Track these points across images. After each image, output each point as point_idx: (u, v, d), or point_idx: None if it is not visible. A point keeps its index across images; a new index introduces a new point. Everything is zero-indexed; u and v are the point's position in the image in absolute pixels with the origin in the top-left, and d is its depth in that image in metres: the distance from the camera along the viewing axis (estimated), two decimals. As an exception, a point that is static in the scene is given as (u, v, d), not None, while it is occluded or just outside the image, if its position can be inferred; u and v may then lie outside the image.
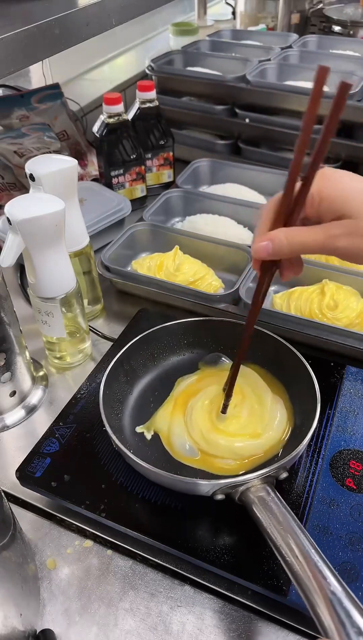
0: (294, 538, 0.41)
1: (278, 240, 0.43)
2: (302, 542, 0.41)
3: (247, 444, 0.54)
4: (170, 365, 0.65)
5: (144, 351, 0.63)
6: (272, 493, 0.45)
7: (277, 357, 0.60)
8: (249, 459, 0.53)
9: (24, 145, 0.96)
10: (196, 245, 0.82)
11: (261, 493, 0.45)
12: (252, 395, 0.58)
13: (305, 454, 0.54)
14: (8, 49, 0.55)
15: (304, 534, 0.42)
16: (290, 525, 0.43)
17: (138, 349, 0.62)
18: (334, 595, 0.37)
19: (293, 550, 0.41)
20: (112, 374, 0.57)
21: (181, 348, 0.66)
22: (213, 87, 1.10)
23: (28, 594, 0.46)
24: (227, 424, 0.55)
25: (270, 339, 0.60)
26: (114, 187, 0.95)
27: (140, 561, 0.50)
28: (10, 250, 0.56)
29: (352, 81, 1.03)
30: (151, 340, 0.63)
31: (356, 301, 0.70)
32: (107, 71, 1.45)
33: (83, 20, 0.63)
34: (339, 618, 0.35)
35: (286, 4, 1.42)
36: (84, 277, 0.72)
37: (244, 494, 0.46)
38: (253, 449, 0.54)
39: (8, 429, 0.63)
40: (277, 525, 0.43)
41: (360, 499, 0.50)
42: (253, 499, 0.45)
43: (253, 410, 0.56)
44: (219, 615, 0.47)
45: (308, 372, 0.55)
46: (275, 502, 0.44)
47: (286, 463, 0.47)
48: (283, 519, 0.43)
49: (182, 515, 0.50)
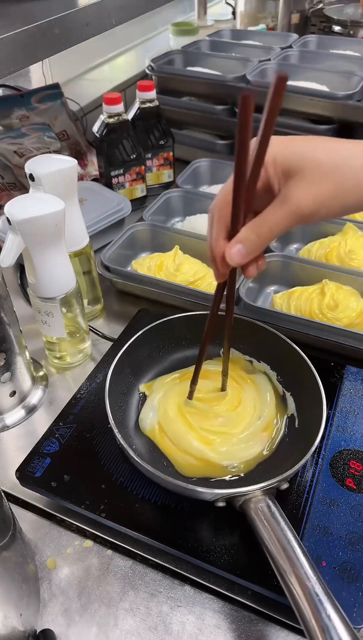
0: (289, 554, 0.42)
1: (247, 240, 0.42)
2: (297, 561, 0.41)
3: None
4: (174, 359, 0.65)
5: (149, 344, 0.63)
6: (272, 505, 0.45)
7: (283, 357, 0.60)
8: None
9: (24, 145, 0.96)
10: (196, 245, 0.82)
11: (261, 504, 0.45)
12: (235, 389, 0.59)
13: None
14: (8, 49, 0.55)
15: (301, 549, 0.42)
16: (287, 541, 0.43)
17: (143, 342, 0.62)
18: (329, 620, 0.37)
19: (288, 568, 0.41)
20: (118, 368, 0.57)
21: (186, 341, 0.66)
22: (213, 87, 1.10)
23: (28, 594, 0.46)
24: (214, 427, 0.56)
25: (280, 340, 0.60)
26: (114, 187, 0.95)
27: (140, 561, 0.50)
28: (10, 250, 0.56)
29: (352, 81, 1.03)
30: (159, 332, 0.63)
31: (356, 301, 0.70)
32: (107, 71, 1.45)
33: (83, 20, 0.63)
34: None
35: (286, 4, 1.42)
36: (84, 277, 0.72)
37: (245, 503, 0.46)
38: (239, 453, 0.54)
39: (8, 429, 0.63)
40: (274, 541, 0.43)
41: (360, 499, 0.50)
42: (253, 509, 0.45)
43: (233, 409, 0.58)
44: (219, 615, 0.47)
45: (317, 383, 0.54)
46: (274, 515, 0.45)
47: (288, 476, 0.47)
48: (282, 535, 0.43)
49: (182, 515, 0.50)
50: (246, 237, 0.42)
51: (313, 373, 0.55)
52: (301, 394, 0.58)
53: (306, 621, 0.38)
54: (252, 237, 0.42)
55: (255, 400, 0.58)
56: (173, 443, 0.55)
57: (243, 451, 0.54)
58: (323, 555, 0.46)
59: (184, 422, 0.56)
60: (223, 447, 0.54)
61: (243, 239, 0.42)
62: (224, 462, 0.53)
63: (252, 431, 0.55)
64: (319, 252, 0.80)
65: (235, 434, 0.55)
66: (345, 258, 0.77)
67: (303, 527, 0.48)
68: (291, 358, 0.58)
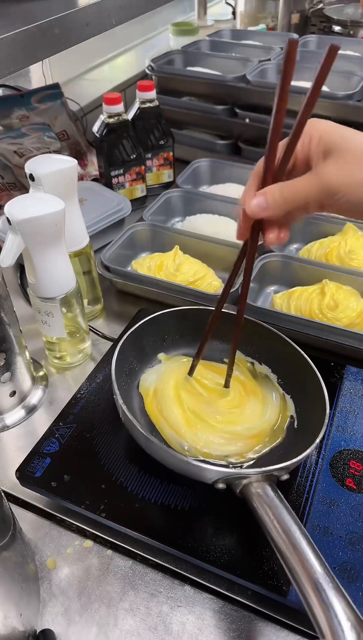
0: (291, 536, 0.41)
1: (271, 194, 0.43)
2: (298, 540, 0.41)
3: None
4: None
5: (154, 333, 0.64)
6: (272, 490, 0.45)
7: (284, 358, 0.60)
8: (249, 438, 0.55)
9: (24, 145, 0.96)
10: (196, 245, 0.82)
11: (261, 489, 0.45)
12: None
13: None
14: (8, 49, 0.55)
15: (301, 530, 0.42)
16: (288, 523, 0.42)
17: (149, 329, 0.62)
18: (324, 592, 0.37)
19: (289, 548, 0.41)
20: (124, 347, 0.58)
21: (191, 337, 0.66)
22: (213, 87, 1.10)
23: (28, 594, 0.46)
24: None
25: (281, 340, 0.60)
26: (114, 187, 0.95)
27: (140, 561, 0.50)
28: (10, 250, 0.56)
29: (352, 81, 1.03)
30: (169, 321, 0.64)
31: (356, 301, 0.70)
32: (107, 71, 1.45)
33: (83, 20, 0.63)
34: (329, 615, 0.36)
35: (286, 4, 1.42)
36: (84, 277, 0.72)
37: (246, 487, 0.46)
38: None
39: (8, 429, 0.63)
40: (275, 525, 0.43)
41: (360, 499, 0.50)
42: (254, 494, 0.45)
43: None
44: (219, 615, 0.47)
45: (319, 383, 0.55)
46: (275, 499, 0.45)
47: (291, 465, 0.47)
48: (283, 517, 0.43)
49: (182, 515, 0.50)
50: (271, 192, 0.43)
51: (316, 375, 0.55)
52: (301, 395, 0.58)
53: (310, 604, 0.37)
54: (276, 194, 0.43)
55: (254, 414, 0.58)
56: (159, 411, 0.57)
57: (222, 446, 0.54)
58: (323, 555, 0.46)
59: (175, 396, 0.57)
60: (203, 434, 0.54)
61: (266, 192, 0.43)
62: (203, 448, 0.54)
63: (238, 434, 0.55)
64: (319, 252, 0.80)
65: (219, 429, 0.55)
66: (345, 258, 0.77)
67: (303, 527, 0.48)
68: (293, 359, 0.58)
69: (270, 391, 0.60)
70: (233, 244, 0.81)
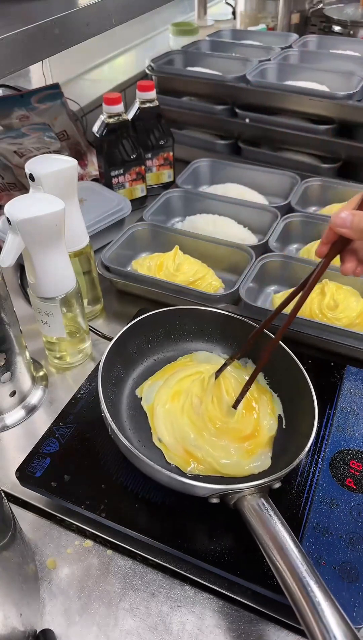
0: (284, 550, 0.42)
1: (359, 216, 0.44)
2: (291, 555, 0.41)
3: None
4: (166, 353, 0.66)
5: (138, 337, 0.63)
6: (266, 503, 0.46)
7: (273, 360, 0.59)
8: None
9: (24, 145, 0.96)
10: (196, 245, 0.82)
11: (254, 502, 0.46)
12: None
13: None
14: (8, 49, 0.55)
15: (295, 544, 0.42)
16: (281, 536, 0.43)
17: (132, 335, 0.62)
18: (319, 606, 0.38)
19: (280, 561, 0.41)
20: (109, 360, 0.57)
21: (177, 336, 0.66)
22: (213, 87, 1.10)
23: (28, 594, 0.46)
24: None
25: (263, 334, 0.59)
26: (114, 187, 0.95)
27: (140, 561, 0.50)
28: (10, 250, 0.56)
29: (352, 81, 1.03)
30: (146, 326, 0.63)
31: (356, 301, 0.70)
32: (107, 71, 1.45)
33: (83, 20, 0.63)
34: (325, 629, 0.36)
35: (286, 4, 1.42)
36: (84, 277, 0.72)
37: (239, 501, 0.46)
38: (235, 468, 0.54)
39: (8, 429, 0.63)
40: (268, 536, 0.43)
41: (360, 499, 0.50)
42: (247, 507, 0.46)
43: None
44: (219, 615, 0.47)
45: (306, 382, 0.55)
46: (268, 512, 0.45)
47: (282, 475, 0.47)
48: (275, 530, 0.43)
49: (182, 515, 0.50)
50: (359, 214, 0.44)
51: (302, 372, 0.55)
52: (289, 394, 0.58)
53: (304, 617, 0.38)
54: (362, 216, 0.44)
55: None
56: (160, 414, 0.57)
57: (215, 450, 0.54)
58: (323, 555, 0.46)
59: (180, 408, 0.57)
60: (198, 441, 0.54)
61: (355, 213, 0.44)
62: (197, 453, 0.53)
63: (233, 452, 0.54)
64: (319, 252, 0.80)
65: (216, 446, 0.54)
66: (345, 258, 0.77)
67: (303, 527, 0.48)
68: (278, 355, 0.58)
69: (262, 398, 0.60)
70: (233, 244, 0.81)
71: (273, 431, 0.56)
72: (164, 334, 0.66)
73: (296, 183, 0.93)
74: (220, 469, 0.53)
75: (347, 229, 0.44)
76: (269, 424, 0.57)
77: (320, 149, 1.02)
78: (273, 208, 0.87)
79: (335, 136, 0.99)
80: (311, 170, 1.00)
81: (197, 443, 0.54)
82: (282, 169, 0.98)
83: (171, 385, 0.60)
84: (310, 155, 1.04)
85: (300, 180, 0.93)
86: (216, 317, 0.65)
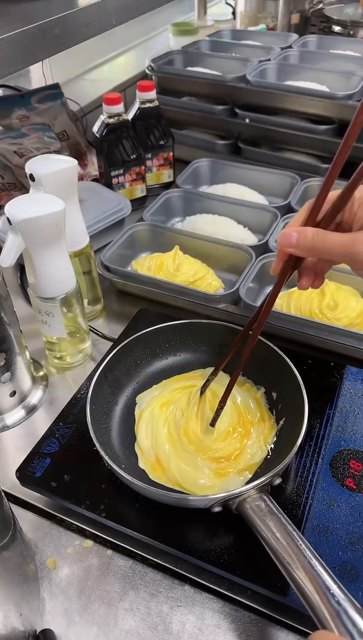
0: (292, 546, 0.42)
1: (304, 234, 0.43)
2: (300, 550, 0.41)
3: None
4: (152, 371, 0.64)
5: (126, 359, 0.62)
6: (268, 501, 0.46)
7: (265, 361, 0.59)
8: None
9: (24, 145, 0.96)
10: (196, 245, 0.82)
11: (257, 502, 0.46)
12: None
13: (304, 454, 0.54)
14: (8, 49, 0.55)
15: (302, 540, 0.42)
16: (288, 533, 0.43)
17: (119, 359, 0.61)
18: (339, 605, 0.37)
19: (292, 558, 0.41)
20: (97, 387, 0.56)
21: (162, 352, 0.65)
22: (213, 87, 1.10)
23: (28, 594, 0.46)
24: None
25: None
26: (114, 187, 0.95)
27: (140, 561, 0.50)
28: (10, 250, 0.56)
29: (352, 81, 1.03)
30: (133, 348, 0.62)
31: (356, 301, 0.70)
32: (107, 71, 1.45)
33: (83, 20, 0.63)
34: (345, 627, 0.36)
35: (286, 4, 1.42)
36: (84, 277, 0.72)
37: (240, 504, 0.46)
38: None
39: (8, 429, 0.63)
40: (275, 535, 0.43)
41: (360, 499, 0.50)
42: (250, 509, 0.45)
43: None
44: (219, 615, 0.47)
45: (295, 377, 0.54)
46: (271, 511, 0.45)
47: (279, 471, 0.47)
48: (281, 528, 0.43)
49: (182, 515, 0.50)
50: (304, 231, 0.43)
51: (291, 368, 0.55)
52: (279, 388, 0.58)
53: (316, 611, 0.38)
54: (308, 235, 0.43)
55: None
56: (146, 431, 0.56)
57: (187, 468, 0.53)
58: (323, 555, 0.46)
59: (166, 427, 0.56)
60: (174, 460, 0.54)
61: (300, 231, 0.43)
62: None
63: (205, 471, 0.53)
64: (319, 252, 0.80)
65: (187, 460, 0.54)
66: (345, 258, 0.77)
67: (303, 527, 0.48)
68: (265, 351, 0.58)
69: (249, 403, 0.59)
70: (233, 244, 0.81)
71: (256, 459, 0.54)
72: (151, 355, 0.64)
73: (296, 183, 0.93)
74: (182, 483, 0.52)
75: (292, 247, 0.43)
76: (253, 452, 0.54)
77: (320, 149, 1.02)
78: (273, 208, 0.87)
79: (335, 136, 0.99)
80: (311, 170, 1.00)
81: (170, 454, 0.54)
82: (282, 169, 0.98)
83: (164, 395, 0.60)
84: (310, 155, 1.04)
85: (300, 180, 0.93)
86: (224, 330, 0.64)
